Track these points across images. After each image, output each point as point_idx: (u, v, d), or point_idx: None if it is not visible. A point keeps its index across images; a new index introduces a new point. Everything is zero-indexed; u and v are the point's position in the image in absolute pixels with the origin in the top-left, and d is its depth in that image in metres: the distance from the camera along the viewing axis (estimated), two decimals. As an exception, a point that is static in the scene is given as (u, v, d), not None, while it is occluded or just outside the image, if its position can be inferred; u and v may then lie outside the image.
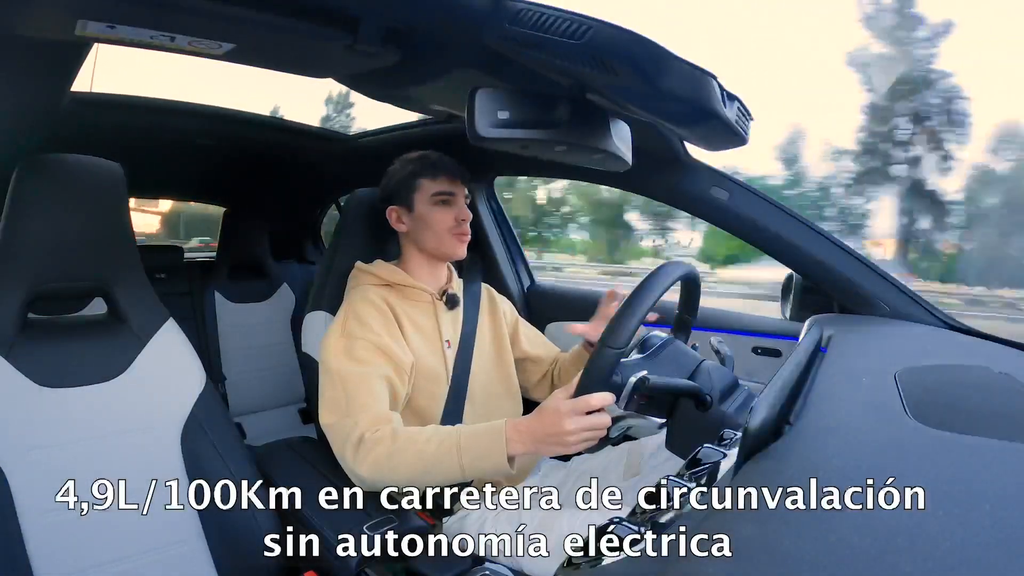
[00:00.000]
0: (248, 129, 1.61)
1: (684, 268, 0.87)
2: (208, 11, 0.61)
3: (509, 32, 0.62)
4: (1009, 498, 0.37)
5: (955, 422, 0.50)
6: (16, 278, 0.86)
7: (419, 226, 1.08)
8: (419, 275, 1.10)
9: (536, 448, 0.81)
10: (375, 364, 0.94)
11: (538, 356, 1.23)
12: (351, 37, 0.70)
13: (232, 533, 0.91)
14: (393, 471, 0.85)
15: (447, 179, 1.07)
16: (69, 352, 0.89)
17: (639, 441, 1.07)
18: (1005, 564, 0.30)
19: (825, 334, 0.89)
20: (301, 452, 1.07)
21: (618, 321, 0.75)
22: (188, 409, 0.94)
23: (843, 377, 0.67)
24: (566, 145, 0.72)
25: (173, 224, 5.74)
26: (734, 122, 0.66)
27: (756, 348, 1.24)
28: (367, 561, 0.80)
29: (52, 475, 0.81)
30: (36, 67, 0.86)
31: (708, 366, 0.88)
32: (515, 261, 1.65)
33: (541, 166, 1.08)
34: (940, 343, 0.92)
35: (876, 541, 0.32)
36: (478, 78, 0.80)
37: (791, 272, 1.20)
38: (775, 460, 0.45)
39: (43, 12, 0.61)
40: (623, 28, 0.56)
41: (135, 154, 1.42)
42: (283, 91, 15.07)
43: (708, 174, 1.15)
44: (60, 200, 0.87)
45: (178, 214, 5.56)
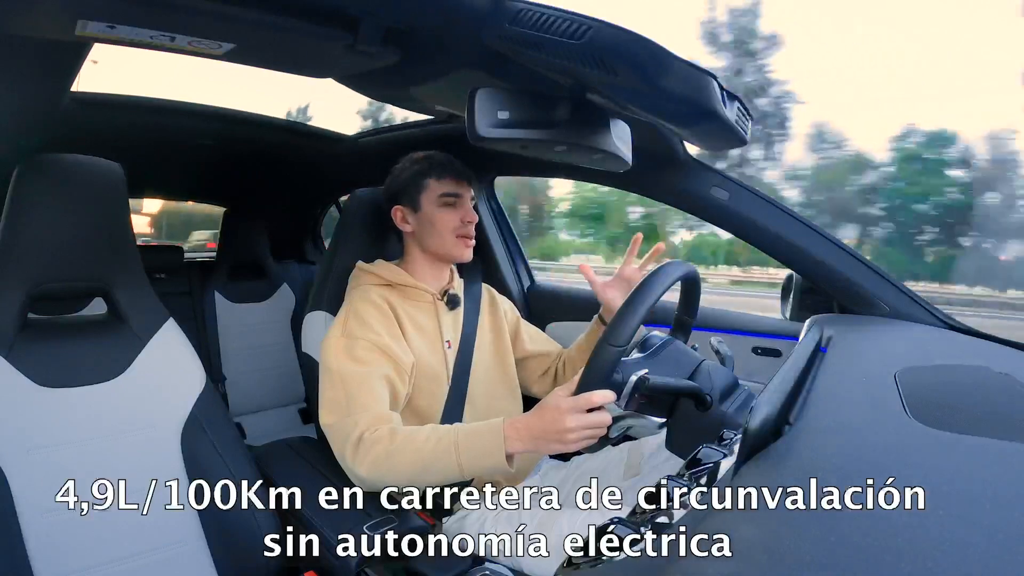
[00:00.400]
0: (248, 129, 1.61)
1: (685, 268, 0.87)
2: (208, 11, 0.61)
3: (509, 32, 0.62)
4: (1009, 498, 0.37)
5: (955, 422, 0.50)
6: (16, 278, 0.86)
7: (424, 227, 1.08)
8: (421, 275, 1.10)
9: (535, 446, 0.81)
10: (375, 364, 0.94)
11: (540, 352, 1.23)
12: (351, 37, 0.70)
13: (232, 533, 0.91)
14: (392, 470, 0.85)
15: (453, 180, 1.07)
16: (69, 352, 0.89)
17: (639, 441, 1.07)
18: (1005, 564, 0.30)
19: (825, 334, 0.89)
20: (301, 452, 1.07)
21: (620, 319, 0.75)
22: (188, 409, 0.95)
23: (843, 377, 0.67)
24: (566, 145, 0.72)
25: (156, 227, 5.70)
26: (734, 122, 0.66)
27: (756, 348, 1.24)
28: (367, 561, 0.80)
29: (52, 475, 0.81)
30: (36, 67, 0.86)
31: (708, 366, 0.88)
32: (515, 261, 1.65)
33: (541, 166, 1.08)
34: (940, 343, 0.92)
35: (876, 541, 0.32)
36: (478, 78, 0.80)
37: (791, 272, 1.20)
38: (775, 460, 0.45)
39: (43, 12, 0.61)
40: (623, 28, 0.56)
41: (135, 154, 1.42)
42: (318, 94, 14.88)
43: (708, 174, 1.15)
44: (60, 200, 0.87)
45: (163, 215, 5.53)
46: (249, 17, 0.63)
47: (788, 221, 1.10)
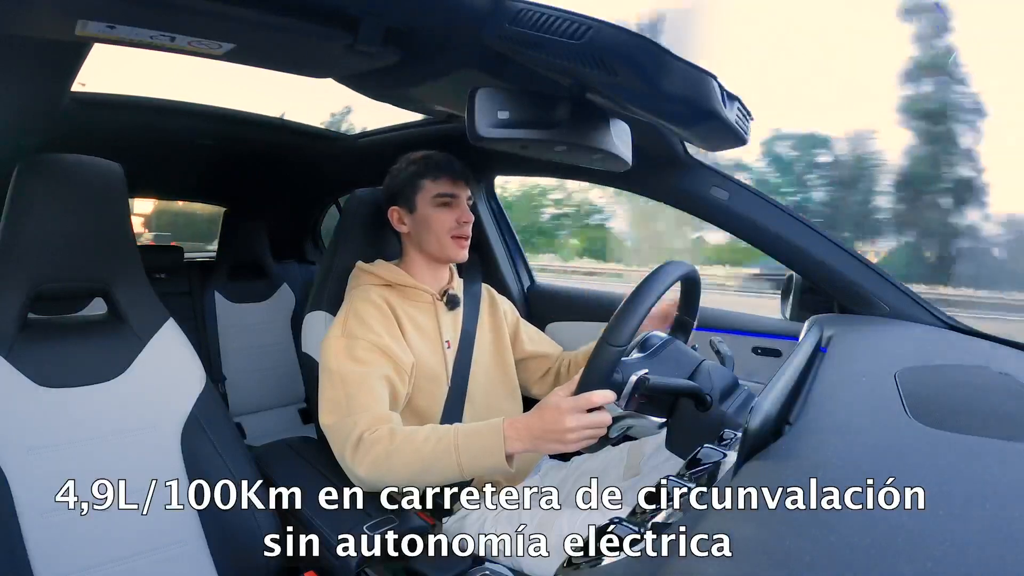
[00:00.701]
0: (248, 129, 1.61)
1: (685, 268, 0.87)
2: (208, 11, 0.61)
3: (509, 32, 0.62)
4: (1009, 498, 0.37)
5: (955, 422, 0.50)
6: (16, 278, 0.86)
7: (420, 228, 1.08)
8: (420, 276, 1.10)
9: (535, 446, 0.81)
10: (375, 364, 0.94)
11: (540, 353, 1.23)
12: (351, 37, 0.70)
13: (232, 533, 0.91)
14: (391, 470, 0.85)
15: (449, 180, 1.07)
16: (69, 352, 0.89)
17: (639, 441, 1.07)
18: (1005, 564, 0.30)
19: (825, 334, 0.89)
20: (301, 452, 1.07)
21: (619, 319, 0.75)
22: (188, 409, 0.94)
23: (843, 377, 0.67)
24: (566, 145, 0.72)
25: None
26: (734, 122, 0.66)
27: (756, 348, 1.24)
28: (367, 561, 0.80)
29: (52, 475, 0.81)
30: (36, 67, 0.86)
31: (708, 366, 0.88)
32: (515, 261, 1.64)
33: (541, 166, 1.08)
34: (940, 343, 0.92)
35: (876, 541, 0.32)
36: (478, 78, 0.80)
37: (791, 272, 1.20)
38: (775, 460, 0.45)
39: (43, 12, 0.61)
40: (623, 28, 0.56)
41: (135, 154, 1.42)
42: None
43: (708, 174, 1.15)
44: (60, 200, 0.87)
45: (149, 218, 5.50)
46: (249, 17, 0.63)
47: (788, 221, 1.10)
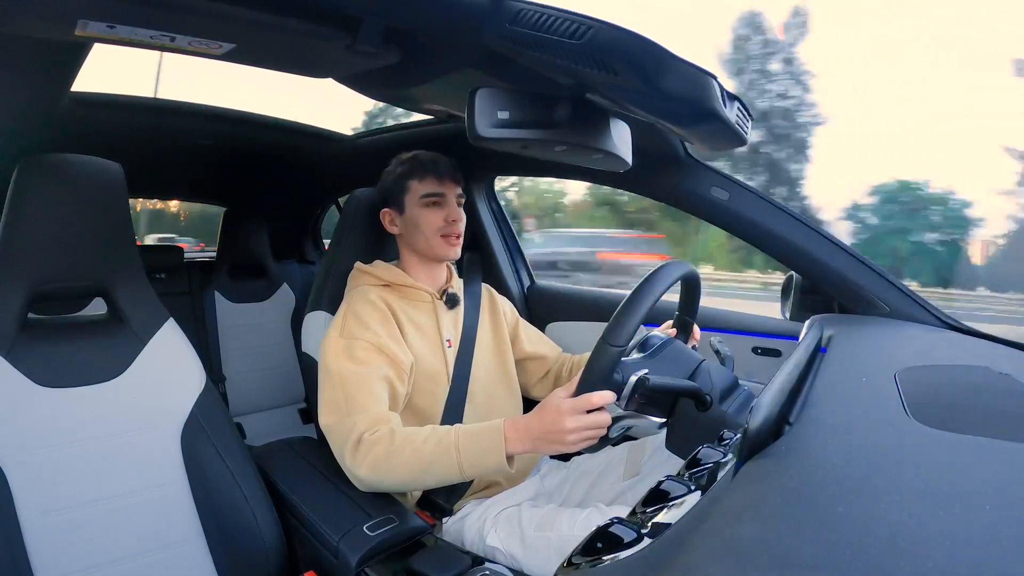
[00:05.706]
0: (248, 129, 1.61)
1: (685, 268, 0.87)
2: (208, 11, 0.61)
3: (509, 32, 0.62)
4: (1009, 498, 0.37)
5: (955, 422, 0.50)
6: (16, 278, 0.86)
7: (409, 228, 1.08)
8: (417, 275, 1.10)
9: (535, 447, 0.81)
10: (374, 365, 0.94)
11: (539, 355, 1.23)
12: (351, 37, 0.70)
13: (232, 533, 0.91)
14: (391, 471, 0.85)
15: (435, 180, 1.06)
16: (69, 352, 0.89)
17: (639, 441, 1.07)
18: (1005, 564, 0.30)
19: (825, 334, 0.89)
20: (301, 452, 1.08)
21: (619, 319, 0.75)
22: (188, 409, 0.94)
23: (843, 377, 0.67)
24: (566, 145, 0.72)
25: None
26: (734, 123, 0.66)
27: (756, 348, 1.24)
28: (367, 561, 0.80)
29: (52, 475, 0.81)
30: (36, 67, 0.86)
31: (708, 366, 0.88)
32: (515, 261, 1.65)
33: (541, 166, 1.08)
34: (940, 343, 0.92)
35: (876, 541, 0.32)
36: (478, 78, 0.80)
37: (791, 272, 1.20)
38: (775, 460, 0.45)
39: (43, 12, 0.61)
40: (624, 28, 0.56)
41: (135, 154, 1.42)
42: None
43: (708, 174, 1.15)
44: (60, 200, 0.87)
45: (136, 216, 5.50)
46: (249, 17, 0.63)
47: (788, 221, 1.10)
